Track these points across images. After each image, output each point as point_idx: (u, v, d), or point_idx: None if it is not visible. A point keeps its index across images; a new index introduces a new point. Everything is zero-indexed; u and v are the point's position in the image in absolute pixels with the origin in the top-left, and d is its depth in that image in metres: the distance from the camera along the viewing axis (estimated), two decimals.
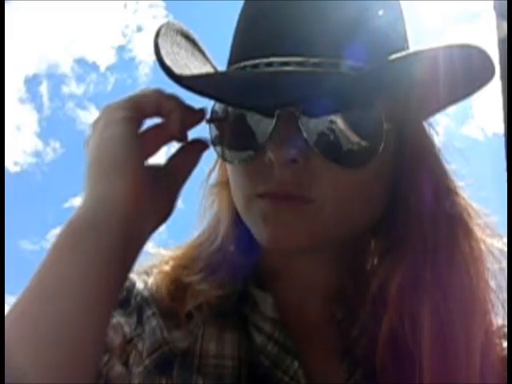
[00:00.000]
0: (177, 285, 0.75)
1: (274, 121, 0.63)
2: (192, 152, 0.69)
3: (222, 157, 0.70)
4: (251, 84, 0.62)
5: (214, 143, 0.70)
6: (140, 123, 0.65)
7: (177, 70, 0.60)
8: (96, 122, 0.65)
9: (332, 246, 0.69)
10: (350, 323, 0.71)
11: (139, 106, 0.64)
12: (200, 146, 0.69)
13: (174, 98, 0.66)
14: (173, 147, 0.70)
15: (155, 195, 0.62)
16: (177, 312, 0.74)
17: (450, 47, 0.59)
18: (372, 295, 0.68)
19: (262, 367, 0.69)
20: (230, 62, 0.69)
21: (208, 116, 0.69)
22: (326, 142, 0.63)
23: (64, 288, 0.52)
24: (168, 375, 0.70)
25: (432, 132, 0.70)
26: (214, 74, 0.67)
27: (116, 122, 0.62)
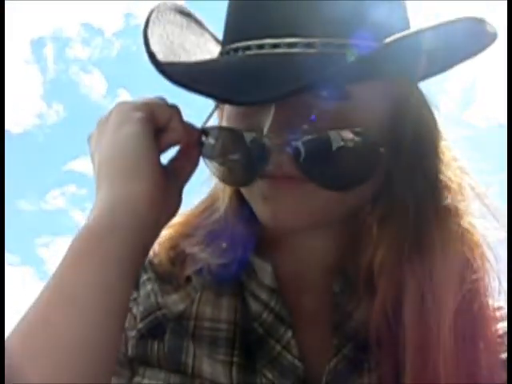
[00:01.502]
0: (177, 252, 0.76)
1: (272, 108, 0.61)
2: (193, 153, 0.68)
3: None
4: (240, 76, 0.61)
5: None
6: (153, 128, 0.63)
7: (167, 67, 0.59)
8: (106, 119, 0.63)
9: (339, 221, 0.69)
10: (346, 297, 0.71)
11: (154, 114, 0.63)
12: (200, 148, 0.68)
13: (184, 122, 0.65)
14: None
15: (166, 194, 0.61)
16: (175, 275, 0.75)
17: (451, 23, 0.58)
18: (365, 268, 0.68)
19: (255, 334, 0.70)
20: (224, 42, 0.68)
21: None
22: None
23: (89, 298, 0.52)
24: (160, 339, 0.71)
25: (433, 111, 0.69)
26: (204, 65, 0.66)
27: (133, 122, 0.61)
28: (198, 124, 0.69)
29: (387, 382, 0.66)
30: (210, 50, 0.71)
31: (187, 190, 0.68)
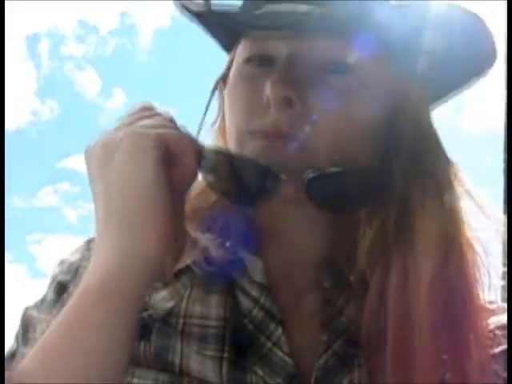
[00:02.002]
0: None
1: (278, 61, 0.65)
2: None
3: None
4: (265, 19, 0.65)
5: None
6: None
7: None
8: (115, 146, 0.58)
9: None
10: (337, 292, 0.71)
11: (169, 149, 0.59)
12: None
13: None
14: None
15: (175, 234, 0.60)
16: (165, 270, 0.73)
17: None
18: (354, 261, 0.69)
19: (245, 331, 0.70)
20: None
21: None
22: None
23: (98, 360, 0.53)
24: (146, 340, 0.70)
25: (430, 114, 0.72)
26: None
27: (148, 164, 0.57)
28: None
29: (377, 377, 0.66)
30: None
31: None
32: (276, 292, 0.71)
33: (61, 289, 0.75)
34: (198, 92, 0.73)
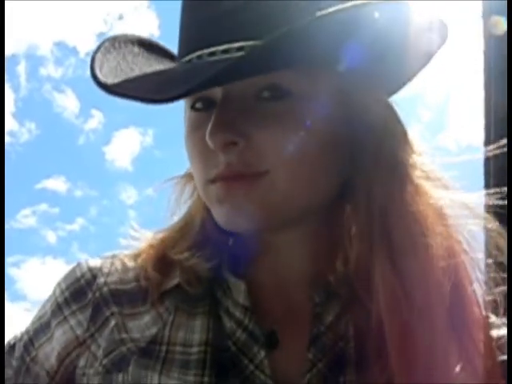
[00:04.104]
0: (163, 262, 0.75)
1: (213, 110, 0.65)
2: None
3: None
4: (164, 81, 0.65)
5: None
6: None
7: (104, 79, 0.62)
8: None
9: (303, 219, 0.69)
10: (327, 307, 0.71)
11: None
12: None
13: None
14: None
15: None
16: (149, 293, 0.74)
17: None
18: (342, 274, 0.70)
19: (229, 353, 0.70)
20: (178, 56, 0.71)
21: None
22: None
23: None
24: (125, 371, 0.70)
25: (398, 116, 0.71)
26: (134, 78, 0.67)
27: None
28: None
29: None
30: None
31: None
32: (262, 312, 0.71)
33: None
34: (176, 114, 0.73)
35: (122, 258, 0.78)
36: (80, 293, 0.75)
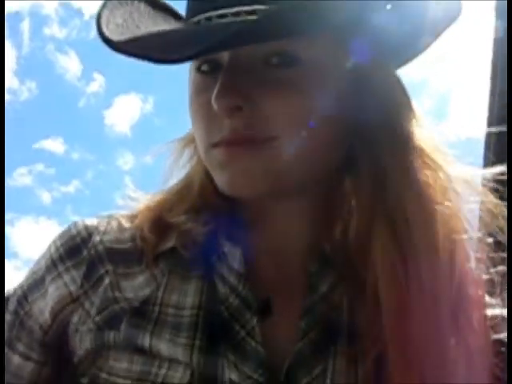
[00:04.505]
0: (159, 222, 0.76)
1: (220, 73, 0.64)
2: None
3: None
4: (181, 38, 0.64)
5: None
6: None
7: (112, 36, 0.62)
8: None
9: (304, 189, 0.70)
10: (322, 277, 0.71)
11: None
12: None
13: None
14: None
15: None
16: (145, 254, 0.74)
17: None
18: (340, 243, 0.70)
19: (221, 317, 0.70)
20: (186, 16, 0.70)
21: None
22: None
23: None
24: (116, 329, 0.71)
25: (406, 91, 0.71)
26: (146, 36, 0.67)
27: None
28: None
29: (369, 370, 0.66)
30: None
31: None
32: (257, 278, 0.72)
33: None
34: (177, 79, 0.72)
35: (118, 218, 0.78)
36: (75, 250, 0.75)
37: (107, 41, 0.61)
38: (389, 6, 0.61)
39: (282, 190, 0.67)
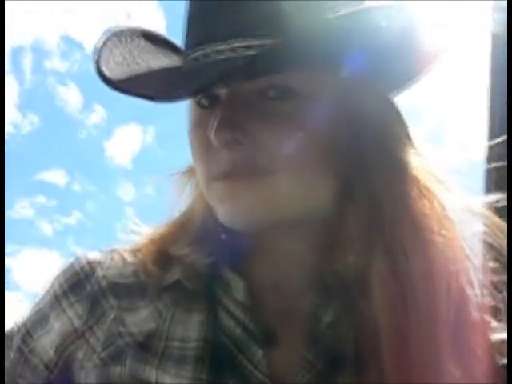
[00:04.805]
0: (163, 256, 0.76)
1: (217, 107, 0.65)
2: None
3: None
4: (174, 76, 0.66)
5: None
6: None
7: (110, 75, 0.63)
8: None
9: (304, 219, 0.69)
10: (326, 307, 0.71)
11: None
12: None
13: None
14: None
15: None
16: (148, 288, 0.74)
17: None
18: (347, 276, 0.69)
19: (226, 350, 0.70)
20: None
21: None
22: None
23: None
24: (122, 364, 0.70)
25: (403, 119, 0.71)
26: (141, 74, 0.68)
27: None
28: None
29: None
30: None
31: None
32: (261, 311, 0.71)
33: None
34: (178, 110, 0.73)
35: (121, 252, 0.78)
36: (79, 285, 0.75)
37: (105, 80, 0.63)
38: (384, 23, 0.62)
39: (282, 221, 0.67)
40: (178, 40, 0.73)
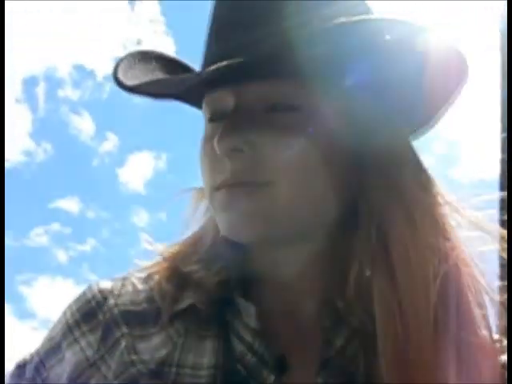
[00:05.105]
0: (176, 274, 0.75)
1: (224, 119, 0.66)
2: None
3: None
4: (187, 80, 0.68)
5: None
6: None
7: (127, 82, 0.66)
8: None
9: (308, 237, 0.69)
10: (337, 331, 0.70)
11: None
12: None
13: None
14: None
15: None
16: (160, 314, 0.73)
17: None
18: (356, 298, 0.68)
19: (238, 376, 0.69)
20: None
21: None
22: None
23: None
24: None
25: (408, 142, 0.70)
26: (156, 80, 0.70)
27: None
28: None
29: None
30: None
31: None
32: (272, 335, 0.70)
33: None
34: (189, 136, 0.74)
35: (132, 280, 0.78)
36: (90, 314, 0.75)
37: (122, 85, 0.65)
38: (388, 37, 0.62)
39: (281, 235, 0.67)
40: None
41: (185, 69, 0.76)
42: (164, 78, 0.70)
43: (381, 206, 0.67)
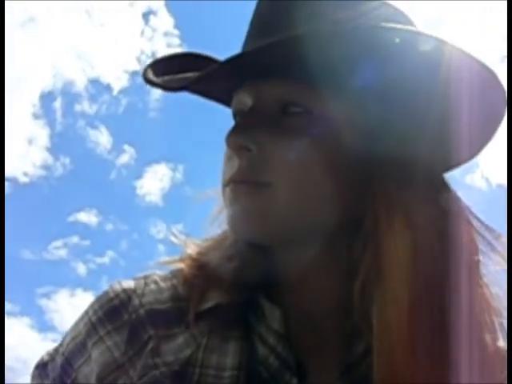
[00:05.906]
0: (202, 273, 0.76)
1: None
2: None
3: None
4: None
5: None
6: None
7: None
8: None
9: (315, 240, 0.70)
10: (357, 337, 0.70)
11: None
12: None
13: None
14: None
15: None
16: (185, 313, 0.74)
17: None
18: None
19: (261, 378, 0.70)
20: None
21: None
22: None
23: None
24: None
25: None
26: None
27: None
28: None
29: None
30: None
31: None
32: (295, 339, 0.71)
33: None
34: (207, 149, 0.75)
35: (154, 278, 0.79)
36: (114, 313, 0.75)
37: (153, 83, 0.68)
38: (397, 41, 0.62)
39: (283, 236, 0.68)
40: None
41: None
42: (192, 75, 0.71)
43: (379, 221, 0.67)
